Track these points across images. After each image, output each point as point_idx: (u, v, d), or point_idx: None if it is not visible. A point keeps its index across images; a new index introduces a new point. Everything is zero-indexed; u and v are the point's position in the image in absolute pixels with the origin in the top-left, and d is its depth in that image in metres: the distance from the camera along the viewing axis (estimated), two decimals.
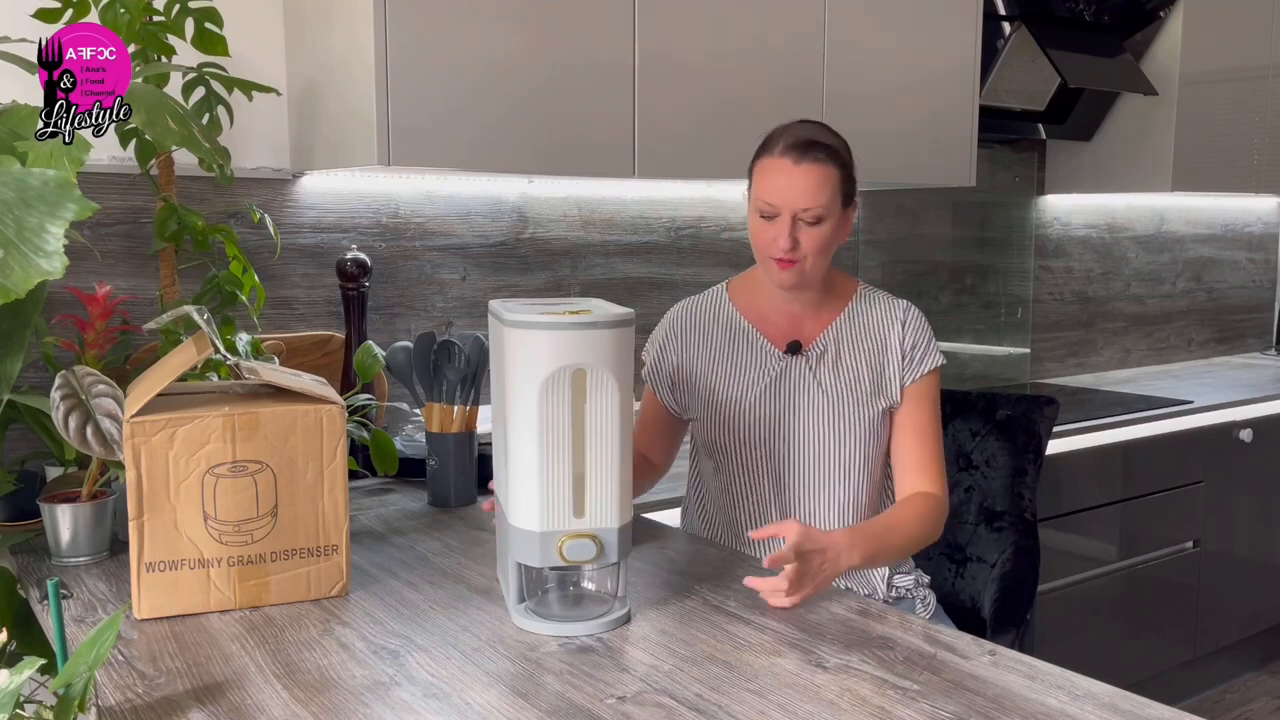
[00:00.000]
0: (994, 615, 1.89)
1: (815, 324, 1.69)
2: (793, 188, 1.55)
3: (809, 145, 1.56)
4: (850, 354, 1.66)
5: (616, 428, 1.20)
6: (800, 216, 1.55)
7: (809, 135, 1.57)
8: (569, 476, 1.19)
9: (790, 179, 1.55)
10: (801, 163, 1.55)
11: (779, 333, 1.69)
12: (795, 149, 1.56)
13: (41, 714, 1.01)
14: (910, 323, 1.67)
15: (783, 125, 1.62)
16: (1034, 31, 2.84)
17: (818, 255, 1.58)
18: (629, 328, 1.21)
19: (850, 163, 1.62)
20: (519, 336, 1.18)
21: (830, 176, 1.56)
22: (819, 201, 1.55)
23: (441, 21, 1.86)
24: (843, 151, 1.60)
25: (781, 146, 1.57)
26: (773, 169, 1.57)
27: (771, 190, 1.57)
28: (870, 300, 1.71)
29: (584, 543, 1.20)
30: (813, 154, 1.56)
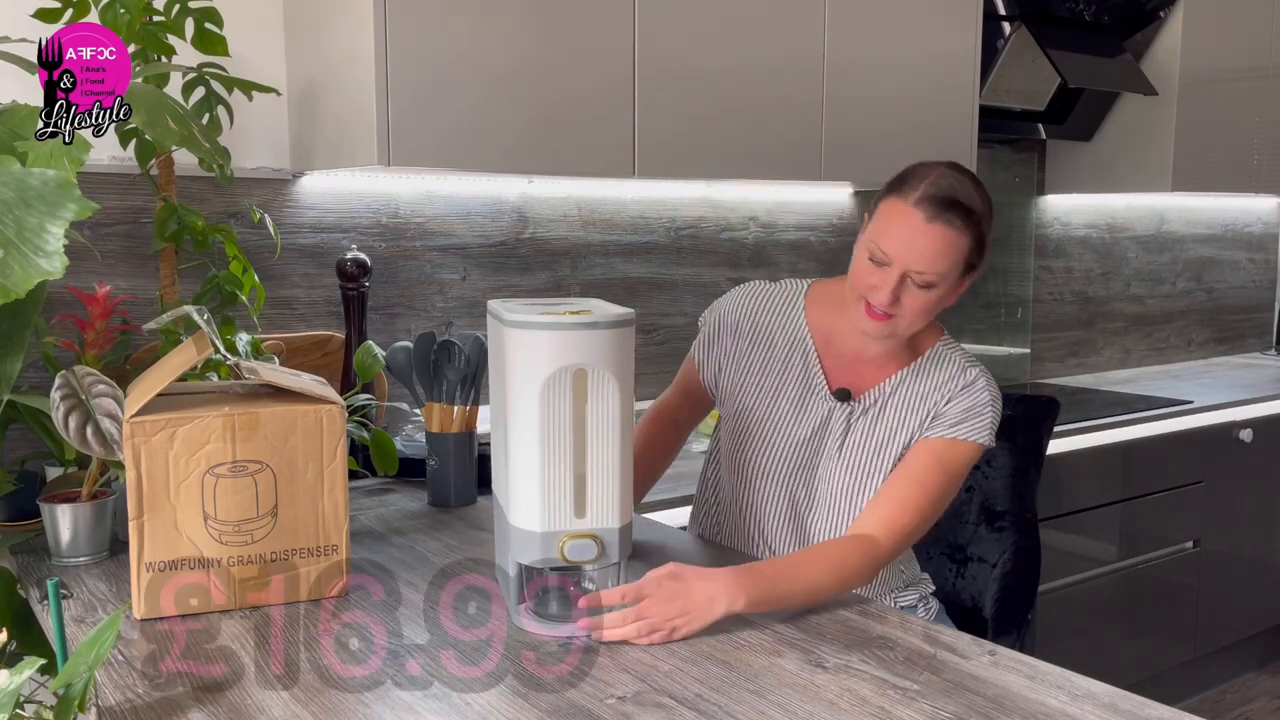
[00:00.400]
0: (995, 615, 1.89)
1: (877, 372, 1.56)
2: (914, 247, 1.40)
3: (948, 203, 1.40)
4: (897, 412, 1.53)
5: (617, 428, 1.20)
6: (911, 276, 1.41)
7: (950, 191, 1.40)
8: (570, 476, 1.19)
9: (915, 237, 1.40)
10: (933, 222, 1.39)
11: (838, 366, 1.57)
12: (932, 203, 1.39)
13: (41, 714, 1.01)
14: (967, 391, 1.51)
15: (926, 165, 1.45)
16: (1034, 31, 2.83)
17: (916, 319, 1.46)
18: (629, 328, 1.21)
19: (988, 229, 1.45)
20: (520, 337, 1.18)
21: (959, 244, 1.41)
22: (937, 269, 1.41)
23: (441, 22, 1.86)
24: (983, 216, 1.43)
25: (918, 195, 1.40)
26: (899, 216, 1.41)
27: (890, 239, 1.41)
28: (943, 360, 1.55)
29: (585, 543, 1.20)
30: (947, 215, 1.39)
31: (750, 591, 1.24)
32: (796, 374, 1.59)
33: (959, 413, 1.50)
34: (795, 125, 2.32)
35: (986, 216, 1.45)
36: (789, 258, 2.82)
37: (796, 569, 1.32)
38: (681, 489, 2.03)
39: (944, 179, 1.42)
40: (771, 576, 1.29)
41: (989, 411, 1.50)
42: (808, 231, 2.85)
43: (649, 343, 2.57)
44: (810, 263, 2.86)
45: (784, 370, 1.59)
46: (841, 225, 2.91)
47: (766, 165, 2.31)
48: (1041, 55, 2.85)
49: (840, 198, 2.90)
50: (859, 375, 1.57)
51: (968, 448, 1.50)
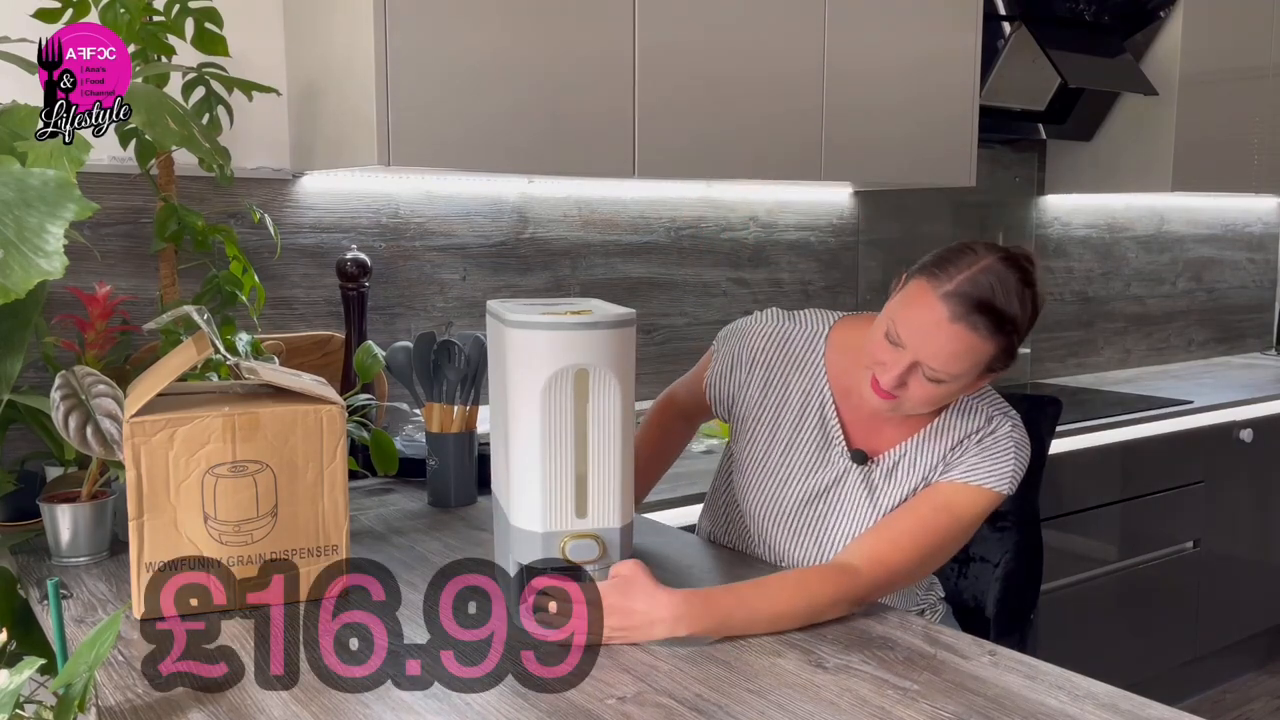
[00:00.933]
0: (997, 615, 1.89)
1: (897, 430, 1.48)
2: (930, 343, 1.31)
3: (978, 308, 1.28)
4: (915, 468, 1.47)
5: (618, 427, 1.20)
6: (923, 368, 1.33)
7: (986, 294, 1.28)
8: (572, 477, 1.19)
9: (934, 331, 1.30)
10: (957, 322, 1.29)
11: (857, 421, 1.50)
12: (961, 303, 1.28)
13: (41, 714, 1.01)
14: (990, 439, 1.42)
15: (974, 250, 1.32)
16: (1034, 31, 2.83)
17: (921, 405, 1.37)
18: (631, 328, 1.21)
19: (1021, 335, 1.33)
20: (522, 337, 1.19)
21: (979, 350, 1.31)
22: (950, 370, 1.32)
23: (441, 21, 1.86)
24: (1019, 327, 1.31)
25: (949, 289, 1.29)
26: (924, 305, 1.31)
27: (908, 326, 1.32)
28: (968, 410, 1.46)
29: (587, 543, 1.21)
30: (974, 320, 1.28)
31: (699, 622, 1.19)
32: (813, 426, 1.52)
33: (976, 459, 1.42)
34: (795, 125, 2.32)
35: (1024, 325, 1.33)
36: (789, 258, 2.82)
37: (758, 598, 1.25)
38: (683, 489, 2.03)
39: (985, 276, 1.30)
40: (728, 607, 1.22)
41: (1010, 459, 1.41)
42: (808, 231, 2.85)
43: (649, 343, 2.57)
44: (810, 262, 2.86)
45: (800, 421, 1.52)
46: (841, 225, 2.91)
47: (766, 165, 2.31)
48: (1041, 55, 2.85)
49: (840, 198, 2.90)
50: (878, 432, 1.49)
51: (981, 495, 1.41)
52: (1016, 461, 1.42)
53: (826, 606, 1.28)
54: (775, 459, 1.54)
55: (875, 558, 1.34)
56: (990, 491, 1.41)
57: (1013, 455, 1.42)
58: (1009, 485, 1.42)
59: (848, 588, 1.30)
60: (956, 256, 1.33)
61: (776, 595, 1.26)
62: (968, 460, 1.43)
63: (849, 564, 1.33)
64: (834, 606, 1.28)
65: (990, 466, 1.41)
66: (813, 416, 1.52)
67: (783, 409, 1.54)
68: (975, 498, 1.41)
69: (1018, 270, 1.32)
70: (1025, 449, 1.44)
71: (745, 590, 1.26)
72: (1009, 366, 1.37)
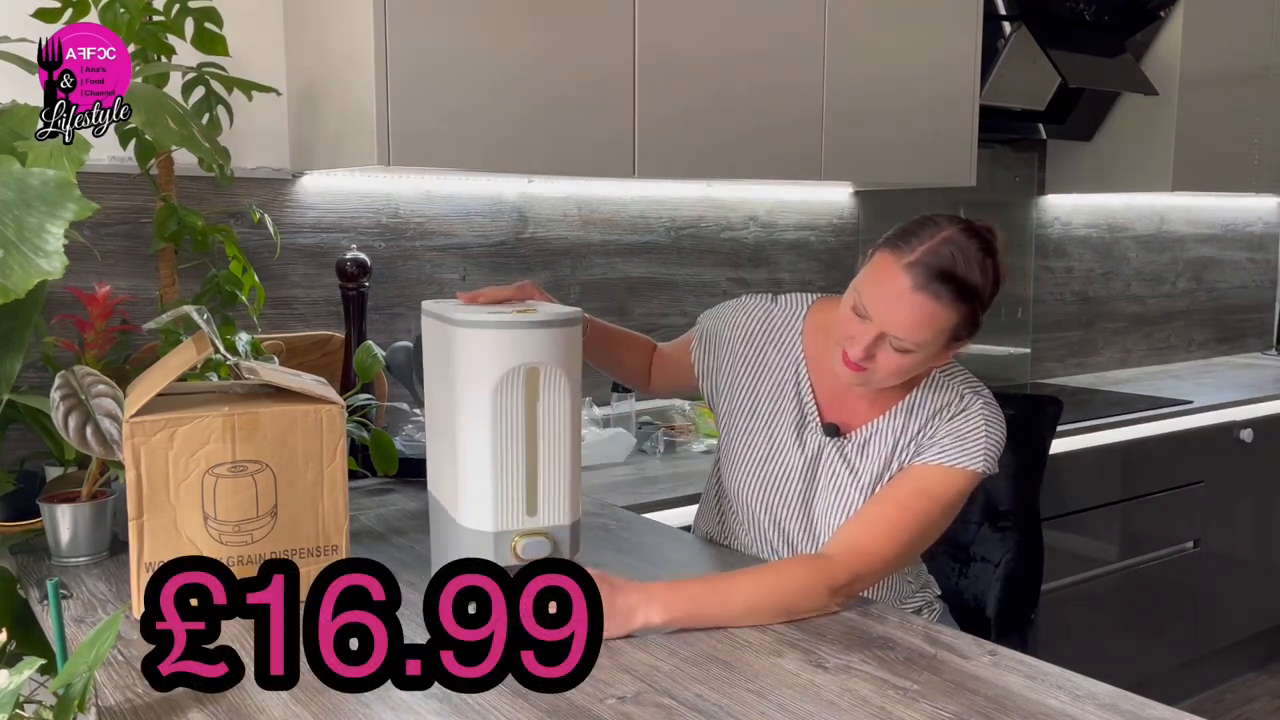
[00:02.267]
0: (998, 615, 1.90)
1: (870, 407, 1.50)
2: (895, 312, 1.33)
3: (942, 276, 1.32)
4: (891, 446, 1.48)
5: (568, 425, 1.21)
6: (889, 338, 1.36)
7: (948, 263, 1.32)
8: (523, 475, 1.20)
9: (898, 301, 1.33)
10: (920, 292, 1.32)
11: (832, 399, 1.53)
12: (924, 272, 1.32)
13: (41, 714, 1.01)
14: (961, 416, 1.44)
15: (935, 223, 1.37)
16: (1034, 31, 2.83)
17: (890, 376, 1.40)
18: (578, 326, 1.24)
19: (985, 304, 1.37)
20: (472, 336, 1.19)
21: (942, 319, 1.34)
22: (915, 339, 1.34)
23: (441, 22, 1.86)
24: (981, 293, 1.35)
25: (912, 259, 1.33)
26: (888, 275, 1.34)
27: (873, 297, 1.35)
28: (940, 386, 1.48)
29: (538, 540, 1.21)
30: (936, 288, 1.32)
31: (672, 608, 1.21)
32: (790, 404, 1.55)
33: (949, 439, 1.43)
34: (795, 125, 2.32)
35: (986, 293, 1.36)
36: (789, 257, 2.82)
37: (731, 591, 1.26)
38: (681, 489, 2.03)
39: (946, 246, 1.33)
40: (700, 597, 1.24)
41: (982, 437, 1.42)
42: (808, 231, 2.85)
43: None
44: (810, 262, 2.86)
45: (778, 399, 1.55)
46: (841, 225, 2.91)
47: (766, 165, 2.31)
48: (1042, 55, 2.85)
49: (840, 198, 2.90)
50: (853, 409, 1.52)
51: (957, 475, 1.41)
52: (988, 439, 1.43)
53: (802, 596, 1.28)
54: (757, 436, 1.56)
55: (852, 547, 1.34)
56: (965, 471, 1.42)
57: (984, 433, 1.43)
58: (983, 463, 1.42)
59: (824, 578, 1.30)
60: (919, 228, 1.36)
61: (751, 585, 1.28)
62: (940, 441, 1.43)
63: (824, 554, 1.35)
64: (811, 597, 1.28)
65: (962, 446, 1.42)
66: (789, 394, 1.55)
67: (761, 387, 1.57)
68: (951, 478, 1.42)
69: (979, 240, 1.36)
70: (997, 425, 1.45)
71: (718, 584, 1.29)
72: (974, 335, 1.39)
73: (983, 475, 1.44)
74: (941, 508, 1.42)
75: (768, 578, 1.31)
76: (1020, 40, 2.83)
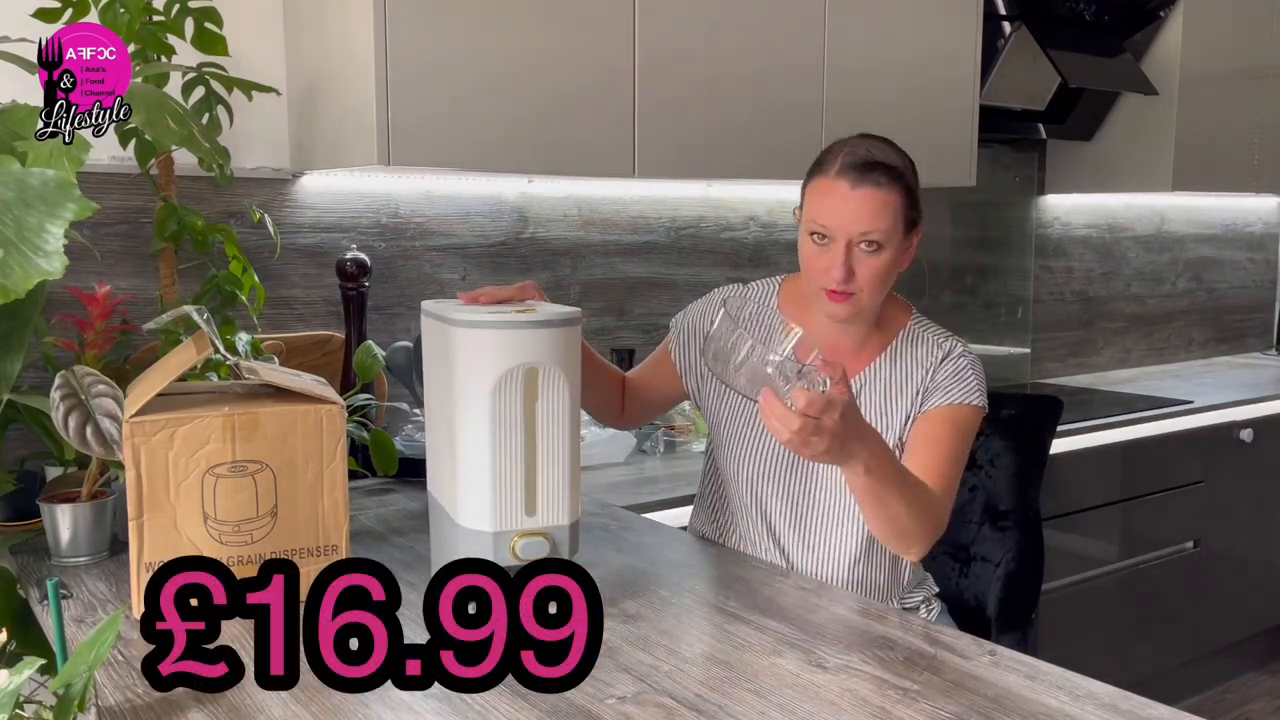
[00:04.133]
0: (998, 614, 1.90)
1: (854, 362, 1.56)
2: (849, 212, 1.42)
3: (868, 166, 1.43)
4: (881, 398, 1.55)
5: (567, 425, 1.21)
6: (856, 244, 1.43)
7: (868, 154, 1.44)
8: (521, 475, 1.20)
9: (846, 203, 1.42)
10: (860, 186, 1.42)
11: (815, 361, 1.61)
12: (853, 170, 1.43)
13: (41, 714, 1.01)
14: (948, 360, 1.53)
15: (840, 141, 1.49)
16: (1034, 31, 2.83)
17: (875, 287, 1.46)
18: (577, 326, 1.24)
19: (914, 184, 1.49)
20: (471, 336, 1.19)
21: (891, 201, 1.43)
22: (878, 227, 1.42)
23: (441, 22, 1.86)
24: (906, 172, 1.47)
25: (839, 166, 1.44)
26: (827, 190, 1.44)
27: (825, 213, 1.44)
28: (917, 337, 1.57)
29: (537, 541, 1.21)
30: (873, 176, 1.42)
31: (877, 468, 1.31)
32: None
33: (947, 381, 1.52)
34: (795, 125, 2.32)
35: (910, 171, 1.48)
36: (789, 257, 2.81)
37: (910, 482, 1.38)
38: (681, 489, 2.03)
39: (859, 147, 1.46)
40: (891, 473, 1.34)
41: (972, 375, 1.53)
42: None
43: (649, 343, 2.57)
44: None
45: None
46: None
47: (766, 165, 2.31)
48: (1042, 55, 2.85)
49: None
50: None
51: (969, 410, 1.52)
52: (977, 376, 1.54)
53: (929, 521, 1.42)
54: (747, 410, 1.59)
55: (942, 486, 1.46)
56: (973, 407, 1.53)
57: (973, 372, 1.54)
58: (980, 398, 1.53)
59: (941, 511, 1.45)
60: (827, 152, 1.49)
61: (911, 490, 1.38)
62: (941, 385, 1.53)
63: None
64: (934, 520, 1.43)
65: (962, 387, 1.52)
66: None
67: None
68: (965, 414, 1.52)
69: (878, 138, 1.49)
70: (979, 364, 1.56)
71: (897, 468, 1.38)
72: (921, 217, 1.51)
73: (983, 410, 1.54)
74: (966, 443, 1.53)
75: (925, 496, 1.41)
76: (1020, 40, 2.83)
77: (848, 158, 1.44)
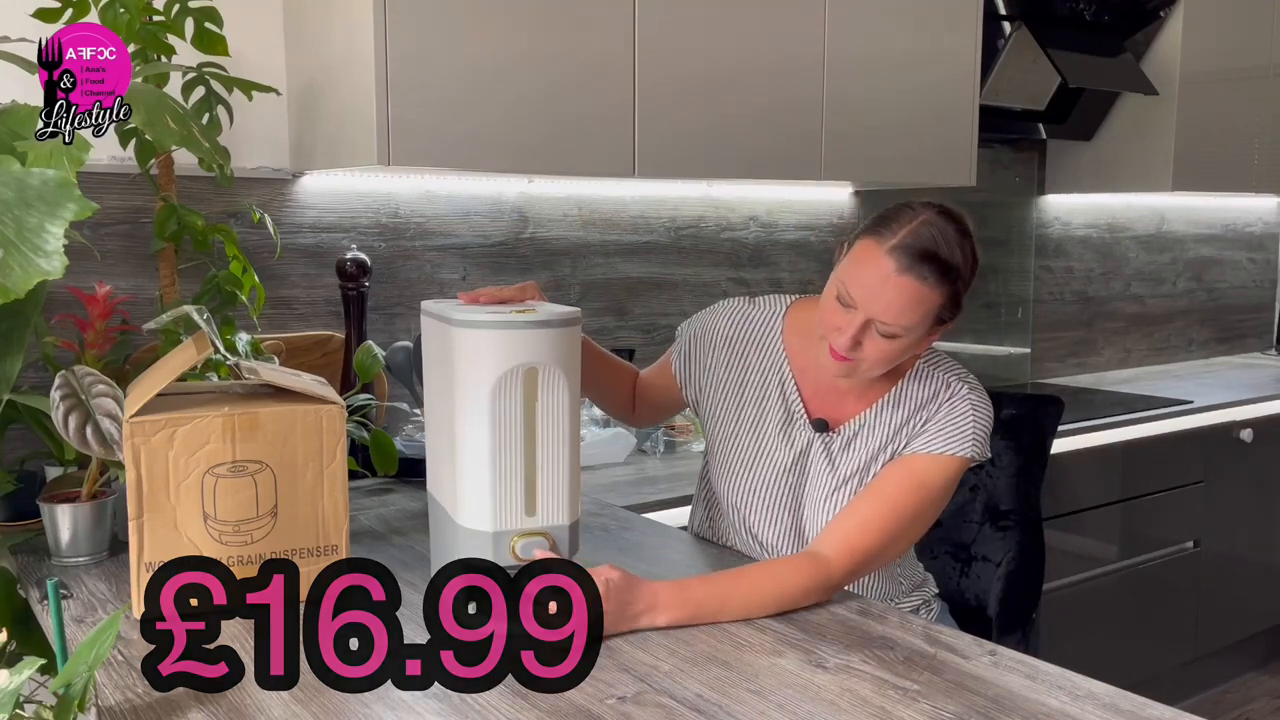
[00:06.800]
0: (999, 614, 1.90)
1: (857, 401, 1.51)
2: (881, 297, 1.34)
3: (923, 257, 1.33)
4: (879, 439, 1.49)
5: (567, 425, 1.21)
6: (876, 325, 1.36)
7: (930, 244, 1.34)
8: (521, 475, 1.20)
9: (883, 287, 1.34)
10: (905, 275, 1.33)
11: (817, 395, 1.53)
12: (906, 254, 1.33)
13: (41, 714, 1.00)
14: (948, 404, 1.45)
15: (912, 208, 1.38)
16: (1034, 31, 2.83)
17: (877, 365, 1.41)
18: (577, 326, 1.23)
19: (965, 283, 1.38)
20: (471, 336, 1.19)
21: (929, 301, 1.35)
22: (902, 322, 1.35)
23: (441, 21, 1.86)
24: (963, 271, 1.37)
25: (894, 243, 1.34)
26: (871, 262, 1.35)
27: (858, 285, 1.36)
28: (924, 378, 1.49)
29: (537, 540, 1.21)
30: (921, 270, 1.33)
31: (675, 610, 1.24)
32: (776, 403, 1.55)
33: (937, 427, 1.44)
34: (795, 125, 2.32)
35: (967, 273, 1.38)
36: (789, 257, 2.82)
37: (730, 594, 1.29)
38: (681, 489, 2.03)
39: (926, 229, 1.35)
40: (701, 596, 1.27)
41: (969, 422, 1.44)
42: (808, 231, 2.85)
43: (649, 343, 2.57)
44: (810, 262, 2.86)
45: (763, 398, 1.55)
46: (841, 225, 2.91)
47: (766, 165, 2.31)
48: (1042, 55, 2.85)
49: (840, 197, 2.90)
50: (839, 404, 1.52)
51: (946, 463, 1.43)
52: (976, 424, 1.44)
53: (798, 596, 1.32)
54: (744, 438, 1.56)
55: (846, 545, 1.37)
56: (955, 458, 1.43)
57: (971, 418, 1.44)
58: (971, 448, 1.43)
59: (820, 578, 1.34)
60: (897, 214, 1.38)
61: (749, 587, 1.30)
62: (928, 430, 1.45)
63: (819, 554, 1.37)
64: (805, 596, 1.32)
65: (951, 433, 1.44)
66: (774, 393, 1.55)
67: (746, 388, 1.57)
68: (941, 466, 1.43)
69: (955, 222, 1.38)
70: (985, 409, 1.46)
71: (720, 582, 1.31)
72: (956, 318, 1.41)
73: (972, 461, 1.45)
74: (933, 497, 1.44)
75: (765, 579, 1.33)
76: (1020, 40, 2.83)
77: (908, 237, 1.34)
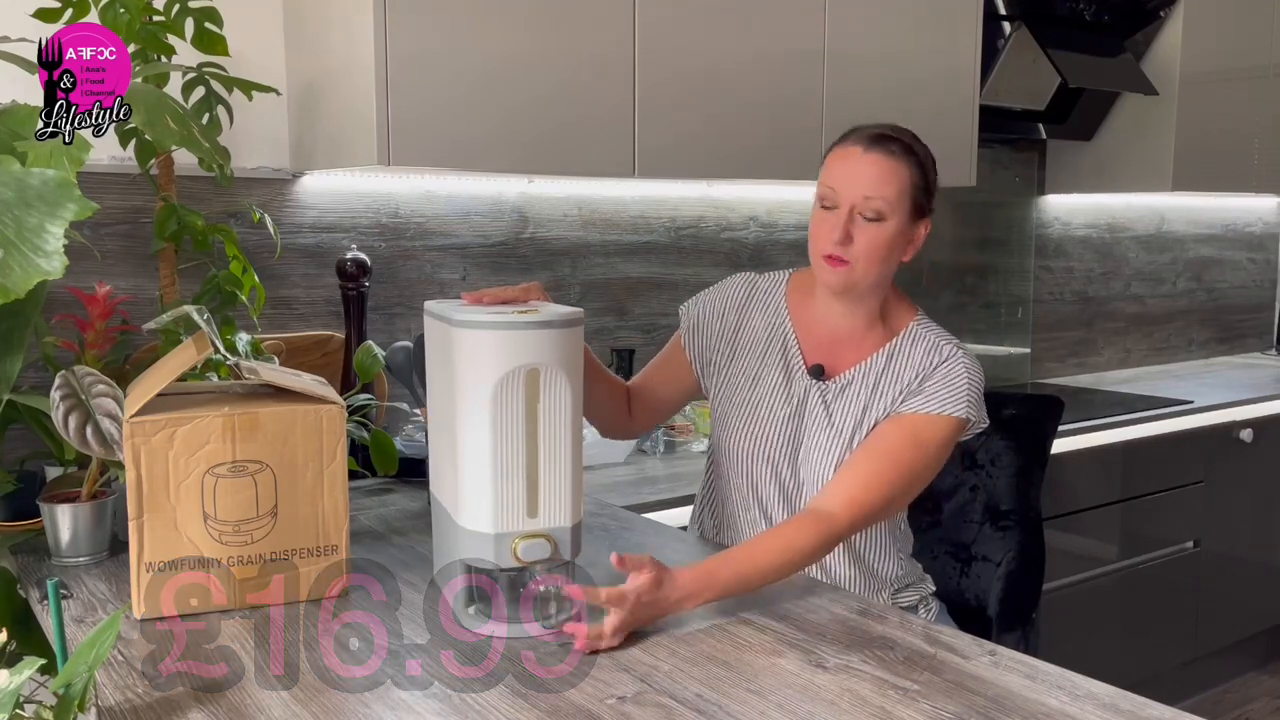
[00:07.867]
0: (999, 614, 1.90)
1: (854, 352, 1.58)
2: (856, 174, 1.46)
3: (883, 137, 1.48)
4: (873, 391, 1.54)
5: (569, 426, 1.21)
6: (860, 209, 1.46)
7: (889, 130, 1.50)
8: (523, 477, 1.20)
9: (857, 165, 1.47)
10: (871, 150, 1.47)
11: (816, 347, 1.60)
12: (868, 138, 1.48)
13: (41, 714, 1.01)
14: (943, 366, 1.51)
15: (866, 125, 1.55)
16: (1034, 31, 2.83)
17: (871, 260, 1.48)
18: (580, 326, 1.23)
19: (928, 171, 1.51)
20: (472, 337, 1.19)
21: (899, 171, 1.47)
22: (882, 193, 1.45)
23: (441, 21, 1.86)
24: (921, 155, 1.51)
25: (854, 136, 1.51)
26: (839, 156, 1.50)
27: (833, 175, 1.49)
28: (918, 338, 1.56)
29: (538, 542, 1.21)
30: (885, 145, 1.47)
31: (706, 595, 1.27)
32: (777, 357, 1.62)
33: (934, 387, 1.50)
34: (795, 125, 2.32)
35: (928, 159, 1.51)
36: (789, 257, 2.82)
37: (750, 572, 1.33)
38: (681, 489, 2.03)
39: (880, 126, 1.51)
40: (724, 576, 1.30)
41: (964, 384, 1.50)
42: (808, 231, 2.84)
43: (649, 343, 2.57)
44: None
45: (765, 354, 1.62)
46: None
47: (766, 165, 2.31)
48: (1042, 55, 2.85)
49: None
50: (836, 356, 1.59)
51: (944, 422, 1.49)
52: (970, 385, 1.51)
53: (804, 555, 1.38)
54: (746, 393, 1.62)
55: (849, 499, 1.43)
56: (952, 418, 1.49)
57: (965, 380, 1.51)
58: (965, 409, 1.49)
59: (826, 533, 1.40)
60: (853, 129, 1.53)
61: (766, 556, 1.35)
62: (925, 390, 1.51)
63: (826, 511, 1.42)
64: (812, 554, 1.39)
65: (947, 394, 1.50)
66: (776, 348, 1.62)
67: (751, 345, 1.64)
68: (939, 425, 1.49)
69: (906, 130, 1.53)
70: (978, 373, 1.53)
71: (736, 556, 1.35)
72: (931, 208, 1.52)
73: (967, 423, 1.51)
74: (930, 456, 1.49)
75: (780, 546, 1.36)
76: (1020, 40, 2.83)
77: (869, 131, 1.50)
